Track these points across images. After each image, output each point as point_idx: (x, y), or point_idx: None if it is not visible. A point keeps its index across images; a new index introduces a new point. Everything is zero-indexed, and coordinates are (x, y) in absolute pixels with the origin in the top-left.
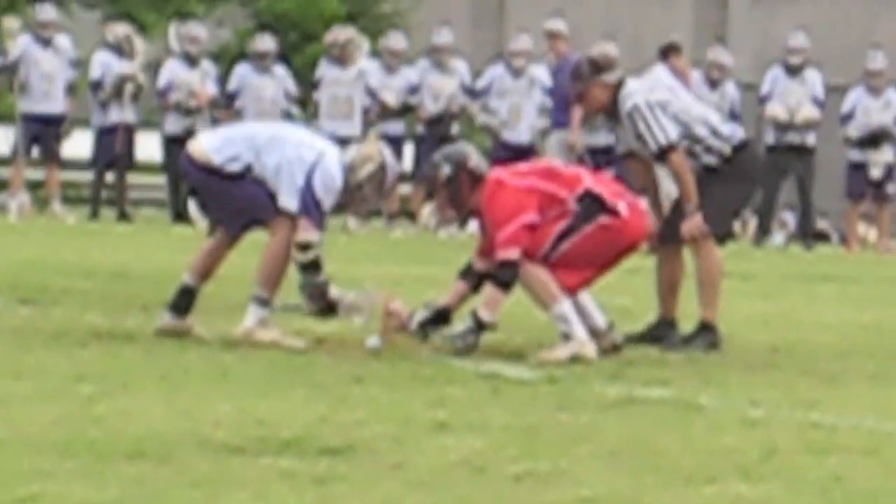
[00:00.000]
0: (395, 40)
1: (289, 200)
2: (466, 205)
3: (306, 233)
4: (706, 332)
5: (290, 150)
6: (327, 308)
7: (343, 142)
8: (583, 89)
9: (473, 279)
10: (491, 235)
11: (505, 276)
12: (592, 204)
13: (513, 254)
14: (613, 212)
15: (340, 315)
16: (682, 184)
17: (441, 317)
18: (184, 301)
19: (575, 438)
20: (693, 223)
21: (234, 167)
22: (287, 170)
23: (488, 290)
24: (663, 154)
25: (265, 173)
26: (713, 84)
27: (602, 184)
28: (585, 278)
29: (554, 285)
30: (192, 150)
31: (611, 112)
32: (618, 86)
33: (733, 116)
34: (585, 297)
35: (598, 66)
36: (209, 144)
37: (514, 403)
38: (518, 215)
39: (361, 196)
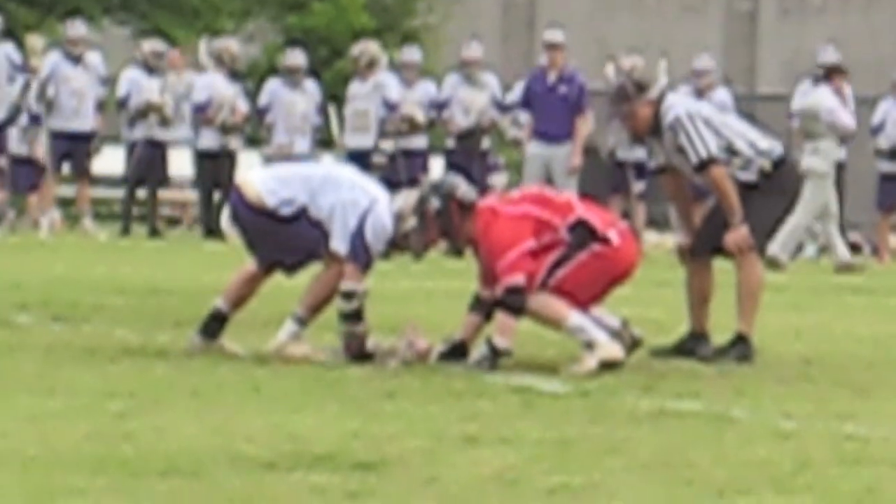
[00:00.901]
0: (409, 54)
1: (340, 244)
2: (460, 235)
3: (352, 282)
4: (740, 345)
5: (345, 193)
6: (363, 356)
7: (363, 155)
8: (629, 110)
9: (484, 309)
10: (489, 265)
11: (513, 302)
12: (584, 232)
13: (518, 279)
14: (605, 240)
15: (376, 360)
16: (723, 197)
17: (458, 350)
18: (214, 326)
19: (607, 451)
20: (739, 235)
21: (289, 210)
22: (341, 212)
23: (499, 317)
24: (704, 167)
25: (320, 215)
26: (700, 93)
27: (593, 212)
28: (580, 305)
29: (557, 302)
30: (244, 190)
31: (653, 128)
32: (659, 100)
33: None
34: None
35: (642, 86)
36: (263, 186)
37: (546, 417)
38: (516, 242)
39: (406, 244)
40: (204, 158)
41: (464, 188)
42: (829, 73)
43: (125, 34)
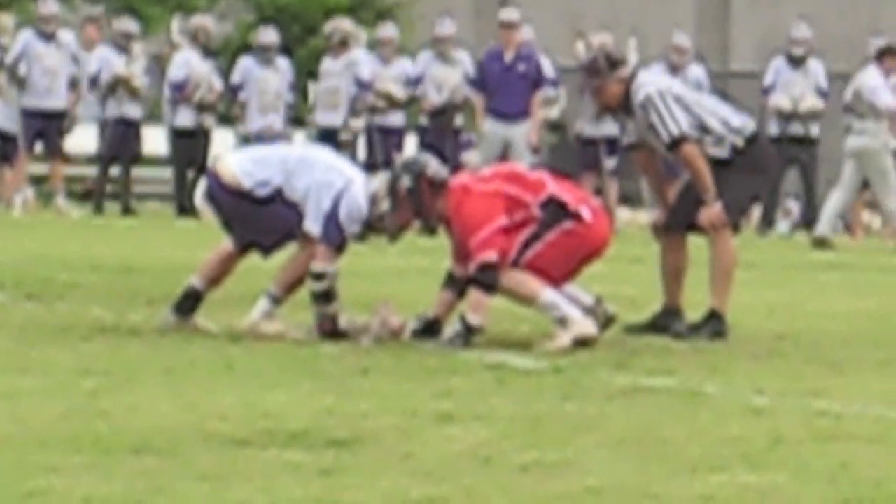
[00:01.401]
0: (385, 31)
1: (313, 225)
2: (432, 213)
3: (322, 263)
4: (714, 321)
5: (319, 173)
6: (336, 335)
7: (333, 133)
8: (600, 84)
9: (457, 286)
10: (461, 242)
11: (486, 279)
12: (556, 210)
13: (490, 256)
14: (577, 217)
15: (350, 338)
16: (696, 174)
17: (431, 327)
18: (189, 303)
19: (581, 428)
20: (713, 212)
21: (264, 191)
22: (315, 193)
23: (472, 294)
24: (675, 145)
25: (294, 196)
26: (675, 69)
27: (565, 189)
28: (552, 283)
29: (530, 279)
30: (220, 172)
31: (623, 105)
32: (630, 79)
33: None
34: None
35: (614, 62)
36: (239, 167)
37: (520, 393)
38: (489, 220)
39: (382, 227)
40: (179, 136)
41: (434, 166)
42: (882, 54)
43: (98, 12)
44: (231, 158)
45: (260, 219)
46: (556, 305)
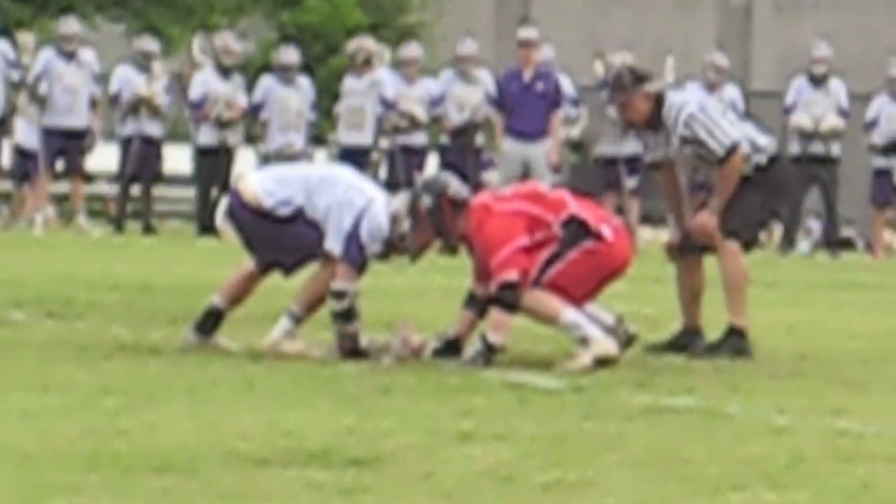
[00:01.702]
0: (409, 50)
1: (334, 244)
2: (453, 233)
3: (343, 281)
4: (734, 338)
5: (340, 192)
6: (356, 353)
7: (356, 152)
8: (625, 100)
9: (478, 306)
10: (482, 261)
11: (507, 298)
12: (577, 229)
13: (512, 275)
14: (598, 236)
15: (371, 357)
16: (725, 184)
17: (452, 347)
18: (210, 322)
19: (602, 447)
20: (708, 220)
21: (286, 211)
22: (336, 212)
23: (493, 313)
24: (729, 154)
25: (316, 215)
26: (711, 88)
27: (586, 208)
28: (574, 302)
29: (551, 298)
30: (242, 191)
31: (649, 122)
32: (658, 97)
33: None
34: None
35: (640, 77)
36: (260, 186)
37: (541, 413)
38: (510, 239)
39: (404, 247)
40: (202, 155)
41: (455, 185)
42: None
43: (119, 31)
44: (252, 177)
45: (281, 238)
46: (577, 325)
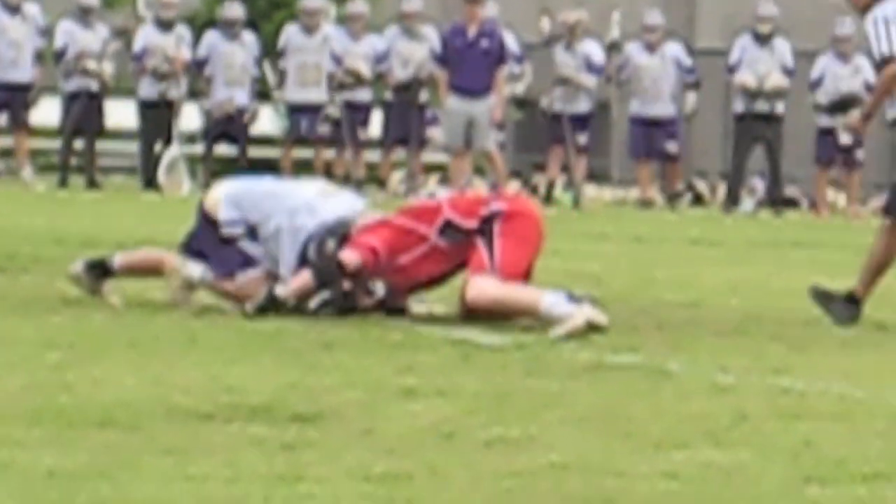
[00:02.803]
0: (355, 6)
1: (284, 270)
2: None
3: (286, 290)
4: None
5: (288, 217)
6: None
7: (313, 108)
8: None
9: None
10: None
11: (325, 270)
12: (454, 229)
13: (351, 257)
14: (498, 216)
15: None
16: (880, 94)
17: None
18: (98, 271)
19: (545, 404)
20: (858, 120)
21: (233, 231)
22: (283, 239)
23: (303, 273)
24: (884, 63)
25: (266, 234)
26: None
27: (463, 203)
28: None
29: (525, 288)
30: (207, 198)
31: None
32: None
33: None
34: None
35: None
36: (225, 196)
37: (484, 369)
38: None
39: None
40: (144, 108)
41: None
42: None
43: None
44: (221, 187)
45: (216, 251)
46: (558, 304)
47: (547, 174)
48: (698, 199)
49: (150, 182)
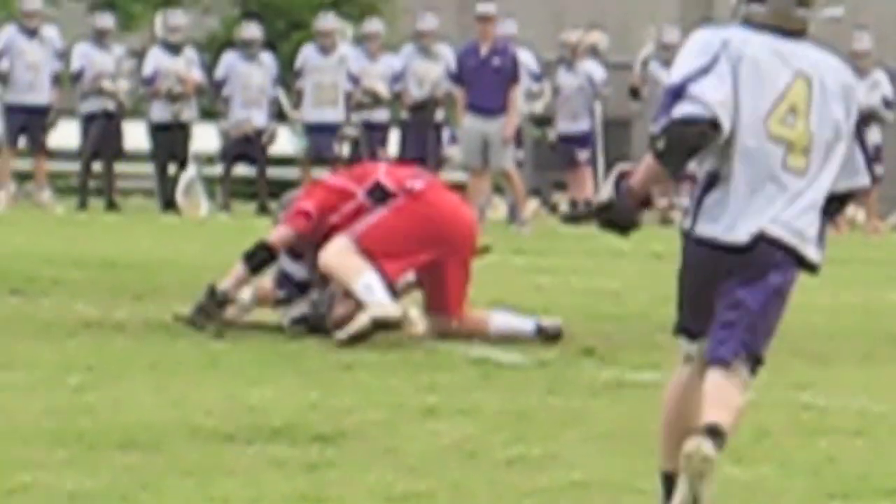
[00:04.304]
0: (371, 25)
1: None
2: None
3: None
4: None
5: None
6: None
7: (330, 128)
8: None
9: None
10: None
11: (254, 257)
12: (383, 193)
13: (280, 233)
14: (408, 193)
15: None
16: None
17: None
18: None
19: (566, 423)
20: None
21: None
22: None
23: (237, 266)
24: None
25: None
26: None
27: (398, 172)
28: (408, 263)
29: (354, 259)
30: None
31: None
32: None
33: None
34: (503, 317)
35: None
36: None
37: (505, 388)
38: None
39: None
40: (156, 131)
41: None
42: None
43: (81, 8)
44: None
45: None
46: (370, 288)
47: (569, 193)
48: None
49: (169, 204)
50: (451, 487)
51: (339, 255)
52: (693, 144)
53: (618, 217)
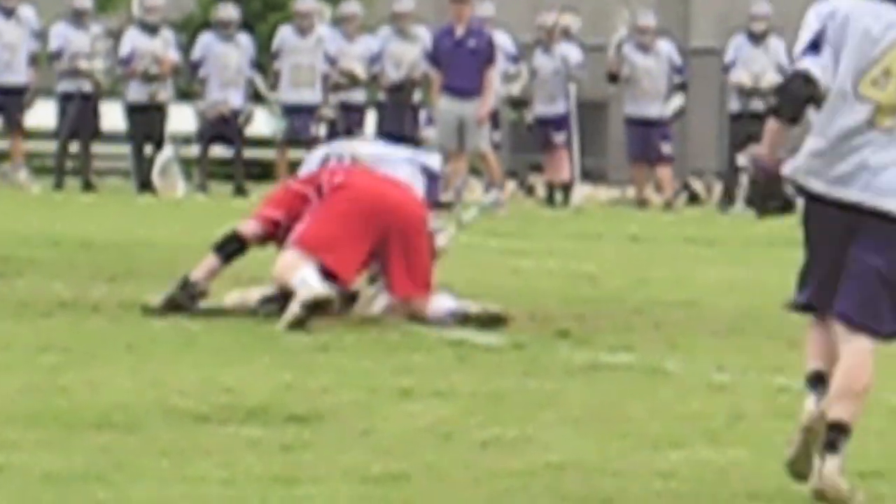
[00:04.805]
0: (348, 7)
1: None
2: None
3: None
4: None
5: None
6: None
7: (307, 109)
8: None
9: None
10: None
11: (226, 246)
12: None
13: (249, 227)
14: (333, 186)
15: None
16: None
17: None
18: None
19: (541, 404)
20: None
21: None
22: None
23: (210, 257)
24: None
25: None
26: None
27: (333, 169)
28: (352, 251)
29: (293, 260)
30: None
31: None
32: None
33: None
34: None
35: None
36: None
37: (481, 370)
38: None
39: None
40: (133, 111)
41: None
42: None
43: None
44: None
45: None
46: (304, 280)
47: (545, 176)
48: (694, 199)
49: (145, 184)
50: (427, 469)
51: (281, 261)
52: (798, 94)
53: (766, 190)
